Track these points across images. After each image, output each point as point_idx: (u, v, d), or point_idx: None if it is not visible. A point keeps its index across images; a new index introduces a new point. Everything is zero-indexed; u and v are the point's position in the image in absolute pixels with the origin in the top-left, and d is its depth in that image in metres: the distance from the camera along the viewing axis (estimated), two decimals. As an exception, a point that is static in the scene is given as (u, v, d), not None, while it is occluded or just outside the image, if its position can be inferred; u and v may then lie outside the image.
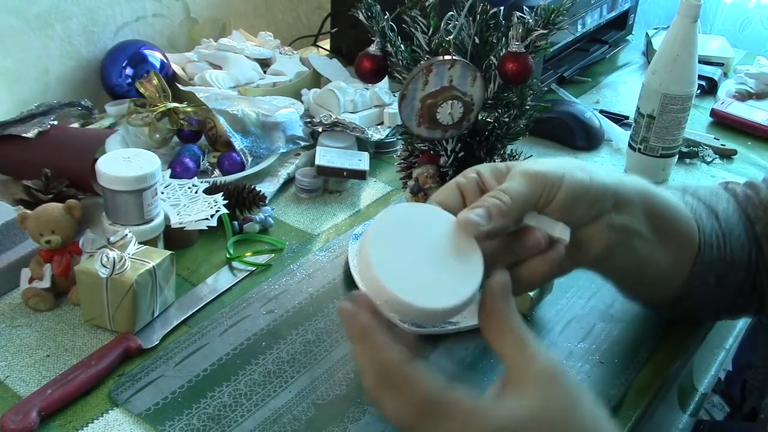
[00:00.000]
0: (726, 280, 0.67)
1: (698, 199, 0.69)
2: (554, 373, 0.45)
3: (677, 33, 0.94)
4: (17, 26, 1.03)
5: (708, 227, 0.66)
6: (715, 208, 0.68)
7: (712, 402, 1.26)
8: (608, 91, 1.31)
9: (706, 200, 0.69)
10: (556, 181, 0.53)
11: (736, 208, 0.70)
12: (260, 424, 0.62)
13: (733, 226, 0.68)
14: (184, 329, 0.72)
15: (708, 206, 0.68)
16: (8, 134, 0.87)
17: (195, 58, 1.19)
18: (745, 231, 0.69)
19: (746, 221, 0.70)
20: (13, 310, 0.72)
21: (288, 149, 0.99)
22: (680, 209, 0.65)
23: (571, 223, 0.54)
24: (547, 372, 0.45)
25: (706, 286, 0.66)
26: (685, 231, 0.65)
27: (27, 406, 0.60)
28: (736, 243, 0.67)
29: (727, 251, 0.66)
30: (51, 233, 0.71)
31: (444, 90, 0.65)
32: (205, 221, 0.80)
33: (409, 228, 0.47)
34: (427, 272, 0.46)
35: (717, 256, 0.66)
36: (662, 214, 0.62)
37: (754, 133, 1.17)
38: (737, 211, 0.70)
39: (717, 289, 0.67)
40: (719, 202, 0.70)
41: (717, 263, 0.66)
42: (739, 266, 0.68)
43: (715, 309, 0.71)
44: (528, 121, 0.71)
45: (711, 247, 0.65)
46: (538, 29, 0.66)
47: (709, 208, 0.68)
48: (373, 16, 0.68)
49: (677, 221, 0.64)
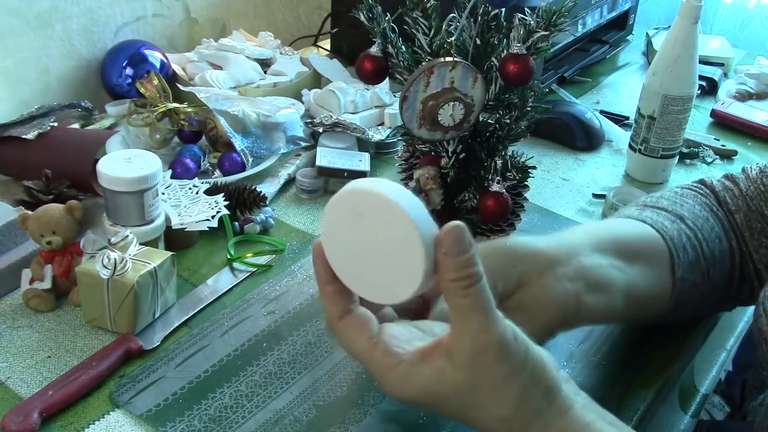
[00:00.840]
0: (712, 275, 0.68)
1: (658, 210, 0.70)
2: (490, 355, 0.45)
3: (678, 34, 0.94)
4: (17, 26, 1.03)
5: (675, 233, 0.66)
6: (679, 212, 0.69)
7: (712, 402, 1.26)
8: (608, 91, 1.31)
9: (668, 207, 0.70)
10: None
11: (704, 201, 0.71)
12: (261, 425, 0.62)
13: (702, 222, 0.69)
14: (185, 330, 0.72)
15: (671, 213, 0.69)
16: (9, 135, 0.87)
17: (195, 58, 1.18)
18: (719, 223, 0.70)
19: (721, 213, 0.71)
20: (14, 311, 0.72)
21: (288, 150, 0.99)
22: (636, 228, 0.66)
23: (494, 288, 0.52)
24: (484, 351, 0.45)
25: (696, 287, 0.67)
26: (652, 243, 0.65)
27: (28, 408, 0.60)
28: (710, 236, 0.68)
29: (703, 248, 0.67)
30: (52, 234, 0.71)
31: (445, 91, 0.65)
32: (205, 222, 0.80)
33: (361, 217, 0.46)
34: (372, 266, 0.47)
35: (695, 256, 0.66)
36: (618, 239, 0.63)
37: (755, 133, 1.17)
38: (705, 204, 0.71)
39: (707, 285, 0.68)
40: (683, 204, 0.71)
41: (697, 262, 0.67)
42: (722, 258, 0.69)
43: (711, 304, 0.71)
44: (529, 122, 0.72)
45: (684, 248, 0.66)
46: (540, 31, 0.66)
47: (671, 214, 0.69)
48: (374, 17, 0.68)
49: (638, 238, 0.65)
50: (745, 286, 0.71)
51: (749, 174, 0.73)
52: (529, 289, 0.57)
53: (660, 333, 0.74)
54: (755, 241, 0.70)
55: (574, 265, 0.58)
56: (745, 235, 0.70)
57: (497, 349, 0.45)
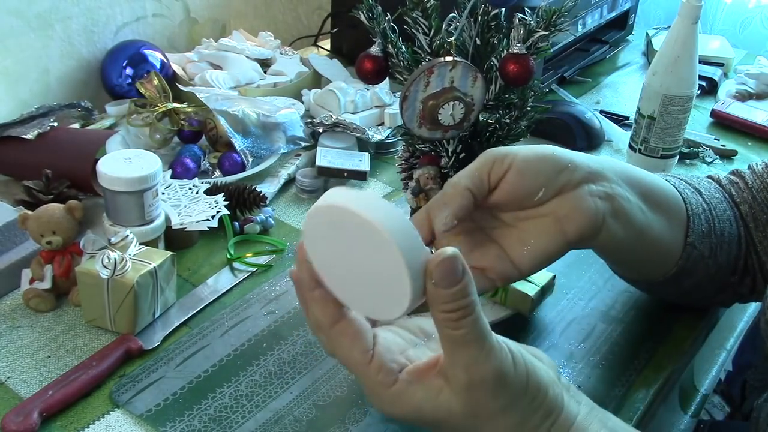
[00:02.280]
0: (719, 254, 0.68)
1: (679, 180, 0.71)
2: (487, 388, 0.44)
3: (678, 34, 0.94)
4: (17, 26, 1.03)
5: (693, 200, 0.67)
6: (698, 186, 0.70)
7: (712, 402, 1.26)
8: (608, 91, 1.31)
9: (688, 180, 0.71)
10: (507, 156, 0.56)
11: (719, 189, 0.72)
12: (261, 425, 0.62)
13: (717, 202, 0.70)
14: (185, 330, 0.72)
15: (690, 184, 0.70)
16: (8, 135, 0.87)
17: (195, 58, 1.18)
18: (731, 208, 0.71)
19: (731, 202, 0.72)
20: (14, 311, 0.72)
21: (288, 150, 0.99)
22: (662, 182, 0.66)
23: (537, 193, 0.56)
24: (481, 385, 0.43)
25: (702, 258, 0.67)
26: (673, 200, 0.66)
27: (28, 407, 0.60)
28: (722, 216, 0.69)
29: (715, 224, 0.68)
30: (52, 234, 0.71)
31: (445, 91, 0.65)
32: (205, 222, 0.80)
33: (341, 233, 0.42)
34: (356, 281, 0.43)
35: (707, 228, 0.67)
36: (645, 184, 0.63)
37: (755, 133, 1.17)
38: (720, 191, 0.72)
39: (712, 263, 0.68)
40: (701, 183, 0.72)
41: (708, 235, 0.67)
42: (730, 240, 0.69)
43: (713, 288, 0.71)
44: (529, 122, 0.72)
45: (699, 217, 0.67)
46: (540, 30, 0.66)
47: (690, 186, 0.70)
48: (374, 17, 0.68)
49: (663, 191, 0.65)
50: (747, 279, 0.71)
51: (755, 169, 0.74)
52: (564, 199, 0.57)
53: (660, 333, 0.74)
54: (760, 233, 0.70)
55: (605, 187, 0.59)
56: (750, 226, 0.71)
57: (494, 381, 0.43)
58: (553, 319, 0.75)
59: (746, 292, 0.72)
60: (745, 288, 0.72)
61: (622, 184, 0.60)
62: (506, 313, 0.72)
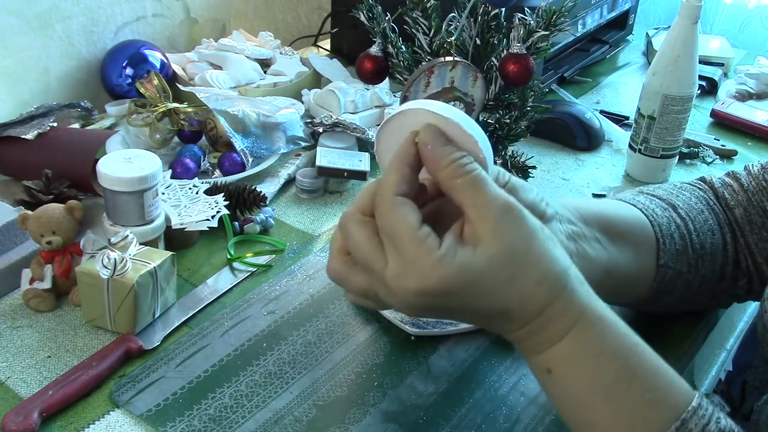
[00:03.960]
0: (701, 267, 0.68)
1: (652, 197, 0.70)
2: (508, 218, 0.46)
3: (678, 34, 0.94)
4: (17, 26, 1.03)
5: (664, 220, 0.67)
6: (673, 202, 0.69)
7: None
8: (608, 91, 1.31)
9: (663, 196, 0.70)
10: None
11: (701, 195, 0.72)
12: (261, 425, 0.62)
13: (696, 214, 0.69)
14: (184, 330, 0.72)
15: (664, 201, 0.69)
16: (8, 135, 0.87)
17: (195, 58, 1.18)
18: (714, 217, 0.70)
19: (717, 208, 0.71)
20: (14, 311, 0.72)
21: (288, 150, 0.99)
22: (623, 209, 0.66)
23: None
24: (502, 217, 0.45)
25: (681, 276, 0.67)
26: (639, 226, 0.65)
27: (28, 407, 0.60)
28: (702, 228, 0.69)
29: (693, 238, 0.67)
30: (52, 234, 0.71)
31: (445, 91, 0.65)
32: (205, 222, 0.80)
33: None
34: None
35: (682, 245, 0.66)
36: (604, 217, 0.62)
37: (755, 133, 1.17)
38: (701, 198, 0.71)
39: (693, 277, 0.68)
40: (679, 195, 0.71)
41: (684, 252, 0.67)
42: (713, 251, 0.69)
43: (703, 297, 0.71)
44: (529, 122, 0.72)
45: (672, 237, 0.66)
46: (540, 30, 0.66)
47: (665, 202, 0.69)
48: (374, 17, 0.68)
49: (624, 218, 0.65)
50: (742, 281, 0.71)
51: (751, 170, 0.73)
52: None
53: (660, 333, 0.74)
54: (755, 235, 0.70)
55: (565, 227, 0.58)
56: (745, 229, 0.70)
57: (516, 209, 0.46)
58: (553, 319, 0.75)
59: (742, 293, 0.72)
60: (740, 290, 0.71)
61: (576, 221, 0.60)
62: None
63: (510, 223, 0.46)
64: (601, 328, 0.48)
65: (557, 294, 0.47)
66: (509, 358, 0.70)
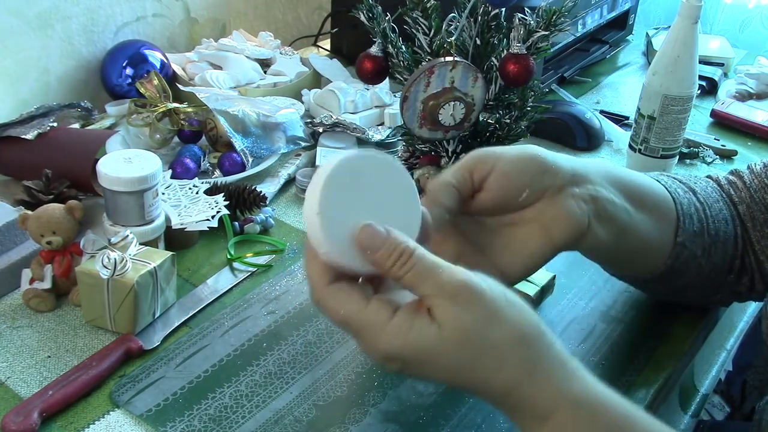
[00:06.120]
0: (713, 254, 0.68)
1: (673, 179, 0.70)
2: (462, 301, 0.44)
3: (678, 34, 0.94)
4: (17, 26, 1.03)
5: (685, 200, 0.67)
6: (692, 186, 0.70)
7: (712, 402, 1.26)
8: (608, 91, 1.31)
9: (683, 179, 0.71)
10: (491, 156, 0.55)
11: (716, 188, 0.72)
12: (261, 425, 0.62)
13: (713, 202, 0.70)
14: (185, 330, 0.72)
15: (684, 184, 0.70)
16: (8, 135, 0.87)
17: (195, 58, 1.18)
18: (727, 208, 0.71)
19: (728, 201, 0.71)
20: (14, 311, 0.72)
21: (288, 150, 0.99)
22: (651, 182, 0.66)
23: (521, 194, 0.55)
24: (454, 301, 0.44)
25: (694, 258, 0.67)
26: (662, 200, 0.65)
27: (28, 407, 0.60)
28: (717, 216, 0.69)
29: (709, 223, 0.68)
30: (52, 234, 0.71)
31: (446, 91, 0.65)
32: (205, 222, 0.80)
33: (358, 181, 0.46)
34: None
35: (699, 228, 0.67)
36: (631, 184, 0.63)
37: (755, 133, 1.17)
38: (717, 191, 0.72)
39: (705, 263, 0.68)
40: (696, 183, 0.71)
41: (700, 234, 0.67)
42: (725, 240, 0.69)
43: (709, 287, 0.71)
44: (529, 122, 0.72)
45: (691, 217, 0.66)
46: (540, 31, 0.66)
47: (685, 185, 0.70)
48: (374, 17, 0.69)
49: (651, 191, 0.65)
50: (744, 278, 0.71)
51: (753, 169, 0.74)
52: (549, 204, 0.57)
53: (660, 333, 0.74)
54: (758, 232, 0.70)
55: (589, 190, 0.58)
56: (747, 225, 0.71)
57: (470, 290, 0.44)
58: (553, 319, 0.75)
59: (744, 290, 0.72)
60: (743, 287, 0.72)
61: (606, 185, 0.60)
62: (506, 313, 0.72)
63: (464, 308, 0.44)
64: (584, 417, 0.46)
65: (523, 378, 0.45)
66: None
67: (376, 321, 0.45)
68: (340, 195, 0.45)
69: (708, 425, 1.02)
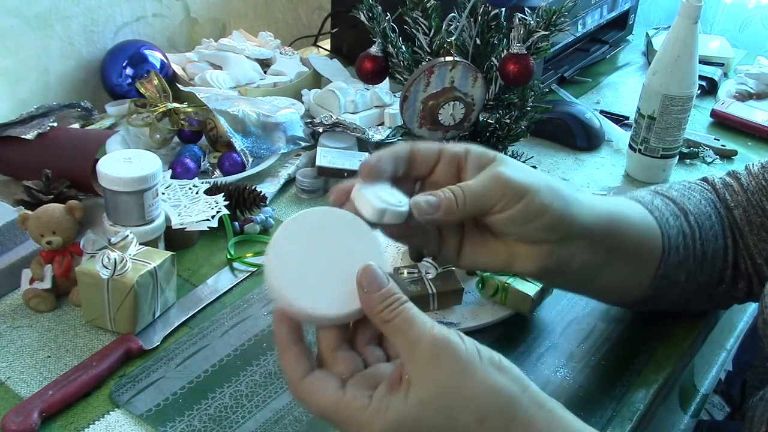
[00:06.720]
0: (699, 273, 0.68)
1: (667, 200, 0.69)
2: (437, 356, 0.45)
3: (678, 34, 0.94)
4: (17, 26, 1.03)
5: (674, 231, 0.66)
6: (685, 206, 0.69)
7: (712, 402, 1.26)
8: (608, 91, 1.31)
9: (676, 199, 0.70)
10: (518, 194, 0.53)
11: (709, 197, 0.72)
12: (261, 425, 0.62)
13: (704, 219, 0.69)
14: (185, 330, 0.72)
15: (677, 205, 0.69)
16: (8, 135, 0.87)
17: (195, 58, 1.18)
18: (719, 221, 0.70)
19: (721, 209, 0.71)
20: (14, 311, 0.72)
21: (288, 150, 0.99)
22: (642, 225, 0.65)
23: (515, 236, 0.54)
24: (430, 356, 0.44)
25: (677, 284, 0.67)
26: (648, 242, 0.64)
27: (28, 407, 0.60)
28: (707, 236, 0.68)
29: (696, 248, 0.67)
30: (52, 234, 0.71)
31: (445, 91, 0.65)
32: (205, 222, 0.80)
33: (318, 233, 0.49)
34: (326, 279, 0.48)
35: (684, 256, 0.66)
36: (621, 236, 0.62)
37: (755, 133, 1.17)
38: (710, 200, 0.71)
39: (691, 284, 0.68)
40: (690, 197, 0.70)
41: (685, 262, 0.66)
42: (714, 258, 0.69)
43: (697, 300, 0.71)
44: (529, 122, 0.72)
45: (677, 248, 0.66)
46: (540, 31, 0.66)
47: (677, 207, 0.69)
48: (374, 17, 0.69)
49: (639, 237, 0.64)
50: (741, 284, 0.70)
51: (751, 170, 0.73)
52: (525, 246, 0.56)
53: (660, 333, 0.74)
54: (755, 235, 0.70)
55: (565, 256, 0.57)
56: (744, 230, 0.70)
57: (444, 343, 0.45)
58: (553, 319, 0.75)
59: (742, 295, 0.71)
60: (740, 292, 0.71)
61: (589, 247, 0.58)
62: (506, 313, 0.73)
63: (438, 360, 0.44)
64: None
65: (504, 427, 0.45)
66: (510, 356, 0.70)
67: (354, 411, 0.46)
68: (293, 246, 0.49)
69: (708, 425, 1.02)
